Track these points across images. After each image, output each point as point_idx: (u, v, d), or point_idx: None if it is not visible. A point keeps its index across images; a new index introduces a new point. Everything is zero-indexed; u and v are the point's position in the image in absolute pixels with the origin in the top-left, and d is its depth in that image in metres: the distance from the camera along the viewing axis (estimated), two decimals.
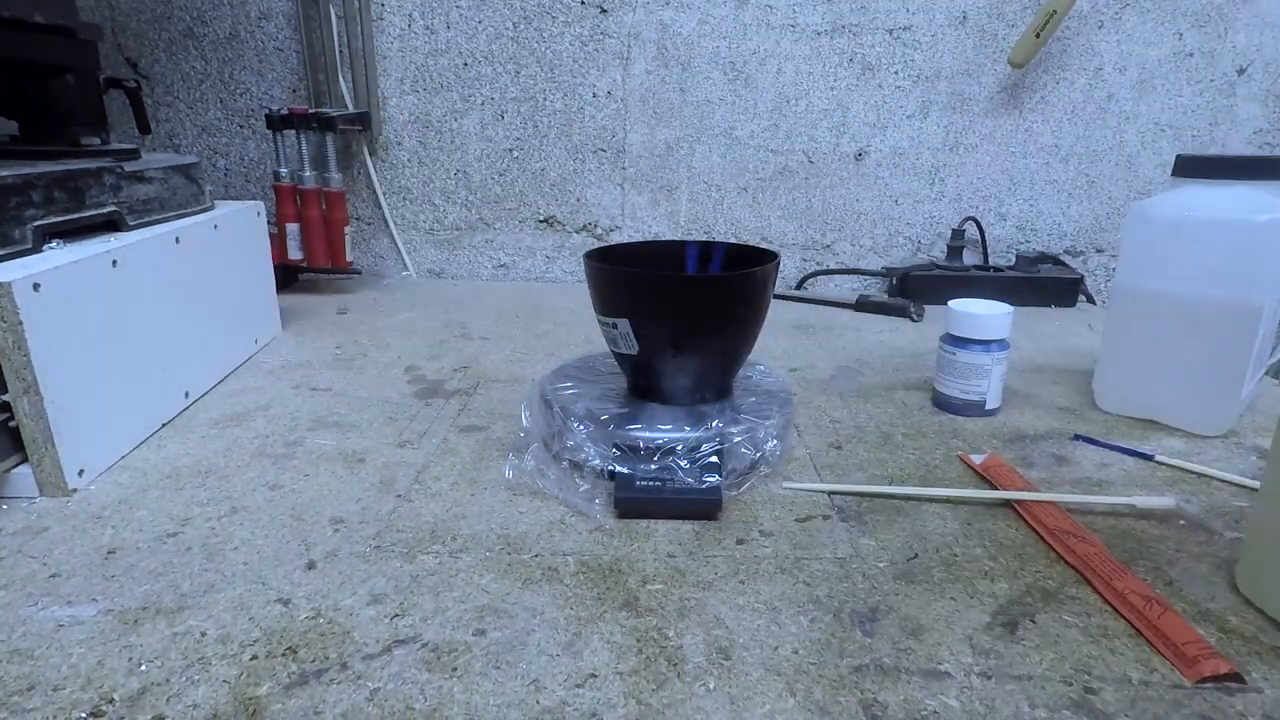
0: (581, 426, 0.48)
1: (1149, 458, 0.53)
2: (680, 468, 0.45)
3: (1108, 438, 0.57)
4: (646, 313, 0.47)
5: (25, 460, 0.47)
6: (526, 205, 1.02)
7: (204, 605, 0.37)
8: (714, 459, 0.46)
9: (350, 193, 1.00)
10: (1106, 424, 0.60)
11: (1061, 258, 1.01)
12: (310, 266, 0.92)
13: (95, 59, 0.58)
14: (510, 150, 1.00)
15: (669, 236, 1.03)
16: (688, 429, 0.47)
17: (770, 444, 0.49)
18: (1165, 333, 0.57)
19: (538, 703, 0.31)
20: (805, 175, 0.99)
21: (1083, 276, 0.97)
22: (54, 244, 0.52)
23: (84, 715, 0.30)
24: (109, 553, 0.41)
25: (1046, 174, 0.99)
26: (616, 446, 0.46)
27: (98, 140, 0.63)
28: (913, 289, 0.95)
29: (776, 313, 0.88)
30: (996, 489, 0.48)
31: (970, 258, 1.00)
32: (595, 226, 1.03)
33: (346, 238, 0.91)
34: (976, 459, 0.53)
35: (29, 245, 0.49)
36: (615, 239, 1.03)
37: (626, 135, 0.99)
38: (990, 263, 1.01)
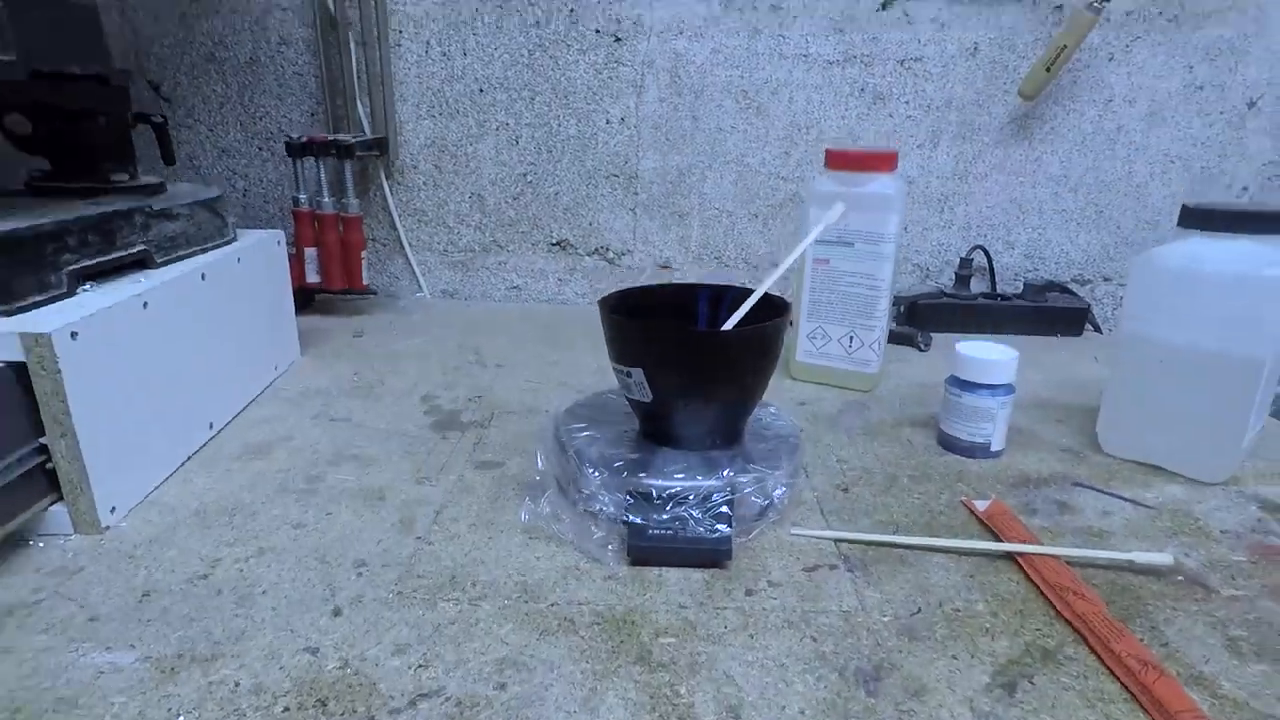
0: (595, 473, 0.49)
1: (1151, 508, 0.54)
2: (692, 517, 0.47)
3: (1110, 482, 0.58)
4: (661, 364, 0.49)
5: (60, 499, 0.48)
6: (539, 229, 1.04)
7: (236, 653, 0.38)
8: (724, 509, 0.47)
9: (366, 215, 1.02)
10: (1109, 468, 0.61)
11: (1069, 286, 1.02)
12: (327, 289, 0.94)
13: (126, 103, 0.60)
14: (524, 175, 1.01)
15: (680, 261, 1.04)
16: (699, 478, 0.48)
17: (779, 491, 0.51)
18: (1168, 380, 0.58)
19: None
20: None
21: (1090, 306, 0.98)
22: (87, 286, 0.54)
23: None
24: (143, 595, 0.43)
25: (1055, 203, 1.00)
26: (629, 494, 0.48)
27: (126, 176, 0.65)
28: (921, 317, 0.96)
29: None
30: (999, 539, 0.49)
31: (978, 285, 1.01)
32: (607, 250, 1.04)
33: (363, 262, 0.93)
34: (980, 505, 0.54)
35: (64, 290, 0.51)
36: (627, 263, 1.05)
37: (639, 161, 1.00)
38: (998, 290, 1.02)
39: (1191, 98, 0.95)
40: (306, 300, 0.98)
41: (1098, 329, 0.99)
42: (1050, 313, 0.97)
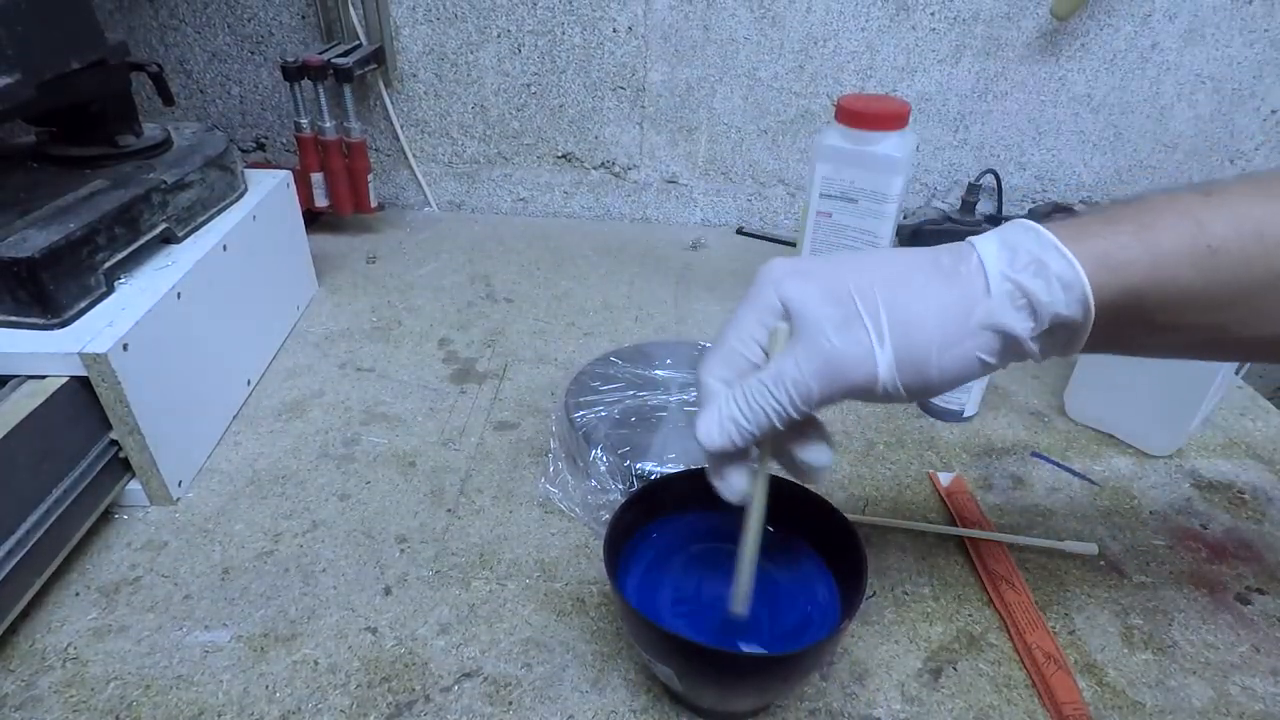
0: (603, 456, 0.56)
1: (1096, 484, 0.61)
2: None
3: (1066, 453, 0.64)
4: (694, 674, 0.40)
5: (134, 476, 0.55)
6: (544, 141, 1.02)
7: (310, 633, 0.47)
8: None
9: (368, 124, 1.00)
10: (1069, 436, 0.66)
11: (1076, 208, 1.02)
12: (336, 214, 0.95)
13: (127, 78, 0.58)
14: (528, 85, 0.98)
15: (686, 177, 1.03)
16: (693, 462, 0.54)
17: None
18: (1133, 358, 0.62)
19: None
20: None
21: None
22: (122, 279, 0.57)
23: None
24: (224, 572, 0.51)
25: (1074, 124, 0.97)
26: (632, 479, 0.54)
27: (133, 138, 0.65)
28: (924, 243, 0.98)
29: None
30: (954, 520, 0.56)
31: (985, 206, 1.01)
32: (614, 164, 1.03)
33: (370, 186, 0.93)
34: (944, 480, 0.60)
35: (104, 289, 0.55)
36: (633, 177, 1.04)
37: (647, 73, 0.96)
38: (1004, 215, 1.02)
39: (1238, 13, 0.89)
40: (314, 217, 0.99)
41: None
42: None
